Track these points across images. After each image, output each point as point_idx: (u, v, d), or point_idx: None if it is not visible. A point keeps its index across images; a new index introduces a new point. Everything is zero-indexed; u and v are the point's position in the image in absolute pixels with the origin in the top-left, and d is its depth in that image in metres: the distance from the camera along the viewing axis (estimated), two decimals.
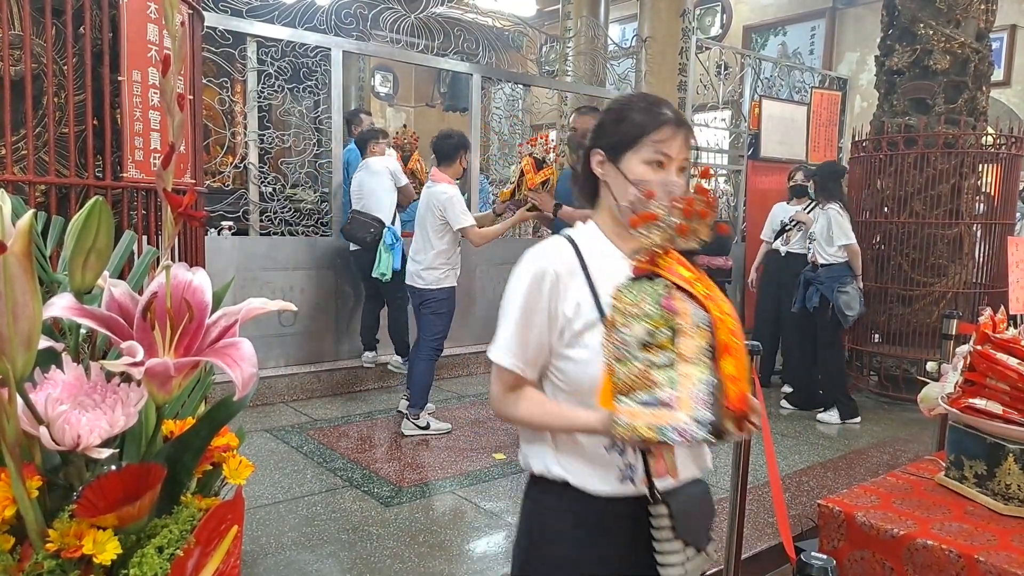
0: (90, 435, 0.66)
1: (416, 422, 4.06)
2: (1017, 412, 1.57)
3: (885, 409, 4.93)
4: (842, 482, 3.46)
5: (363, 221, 4.65)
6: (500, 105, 6.42)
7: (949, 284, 5.00)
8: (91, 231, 0.75)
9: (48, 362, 0.71)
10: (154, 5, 2.01)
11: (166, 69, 0.82)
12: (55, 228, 1.07)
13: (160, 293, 0.74)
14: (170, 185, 0.85)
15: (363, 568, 2.57)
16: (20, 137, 1.88)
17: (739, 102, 7.50)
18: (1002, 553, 1.40)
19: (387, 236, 4.61)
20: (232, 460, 0.82)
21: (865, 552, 1.58)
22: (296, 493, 3.21)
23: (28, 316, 0.63)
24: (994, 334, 1.65)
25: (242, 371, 0.70)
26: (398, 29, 5.45)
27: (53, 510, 0.68)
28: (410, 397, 4.06)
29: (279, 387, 4.70)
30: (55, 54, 1.90)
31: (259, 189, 4.78)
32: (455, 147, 4.05)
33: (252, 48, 4.65)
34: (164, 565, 0.68)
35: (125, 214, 2.02)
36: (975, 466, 1.67)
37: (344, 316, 5.12)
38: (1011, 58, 7.69)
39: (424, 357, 4.02)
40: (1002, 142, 4.98)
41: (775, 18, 9.73)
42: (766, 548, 2.76)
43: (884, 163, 5.10)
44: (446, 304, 4.04)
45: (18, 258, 0.62)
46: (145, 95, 2.03)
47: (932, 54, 4.99)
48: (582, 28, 7.28)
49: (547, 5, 9.71)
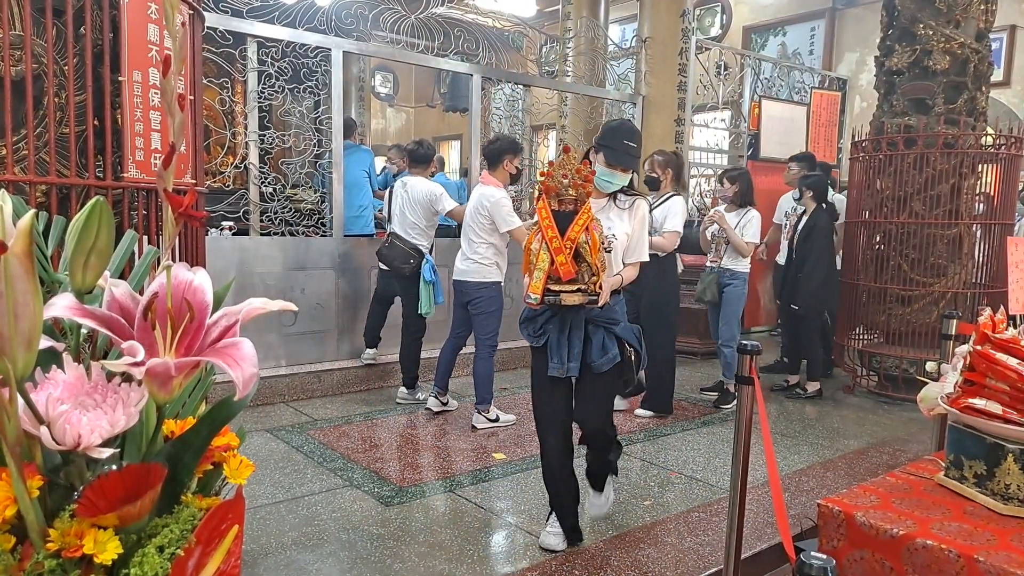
0: (91, 435, 0.66)
1: (487, 415, 4.27)
2: (1016, 412, 1.57)
3: (885, 409, 4.93)
4: (842, 482, 3.46)
5: (403, 250, 4.52)
6: (500, 105, 6.42)
7: (949, 284, 5.00)
8: (92, 231, 0.75)
9: (49, 362, 0.71)
10: (154, 5, 2.01)
11: (167, 69, 0.82)
12: (56, 228, 1.07)
13: (161, 293, 0.74)
14: (171, 185, 0.85)
15: (363, 568, 2.57)
16: (21, 137, 1.88)
17: (739, 102, 7.50)
18: (1001, 553, 1.40)
19: (426, 271, 4.53)
20: (233, 460, 0.82)
21: (865, 552, 1.58)
22: (296, 493, 3.21)
23: (29, 316, 0.63)
24: (994, 334, 1.65)
25: (243, 371, 0.70)
26: (398, 29, 5.45)
27: (54, 510, 0.69)
28: (477, 394, 4.27)
29: (279, 387, 4.70)
30: (56, 54, 1.90)
31: (259, 189, 4.78)
32: (499, 151, 4.24)
33: (252, 48, 4.65)
34: (165, 565, 0.68)
35: (126, 214, 2.03)
36: (975, 466, 1.67)
37: (344, 316, 5.12)
38: (1011, 58, 7.68)
39: (483, 356, 4.26)
40: (1002, 142, 4.98)
41: (775, 18, 9.73)
42: (766, 548, 2.76)
43: (884, 163, 5.10)
44: (495, 302, 4.24)
45: (19, 258, 0.62)
46: (146, 95, 2.03)
47: (932, 54, 4.99)
48: (582, 28, 7.28)
49: (547, 5, 9.71)
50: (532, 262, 2.44)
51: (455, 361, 4.50)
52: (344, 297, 5.10)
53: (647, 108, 6.79)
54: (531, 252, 2.45)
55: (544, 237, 2.38)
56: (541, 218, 2.41)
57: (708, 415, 4.70)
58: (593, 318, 2.57)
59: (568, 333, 2.56)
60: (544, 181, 2.44)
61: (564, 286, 2.38)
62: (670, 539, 2.83)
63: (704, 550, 2.73)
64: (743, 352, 2.11)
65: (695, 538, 2.83)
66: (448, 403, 4.56)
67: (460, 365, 5.27)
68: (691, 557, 2.67)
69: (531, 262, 2.45)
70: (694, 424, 4.49)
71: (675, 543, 2.79)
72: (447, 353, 4.46)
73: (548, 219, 2.39)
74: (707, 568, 2.59)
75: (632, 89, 7.00)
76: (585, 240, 2.38)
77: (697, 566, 2.61)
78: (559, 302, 2.39)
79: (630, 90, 7.02)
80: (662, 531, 2.90)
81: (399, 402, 4.71)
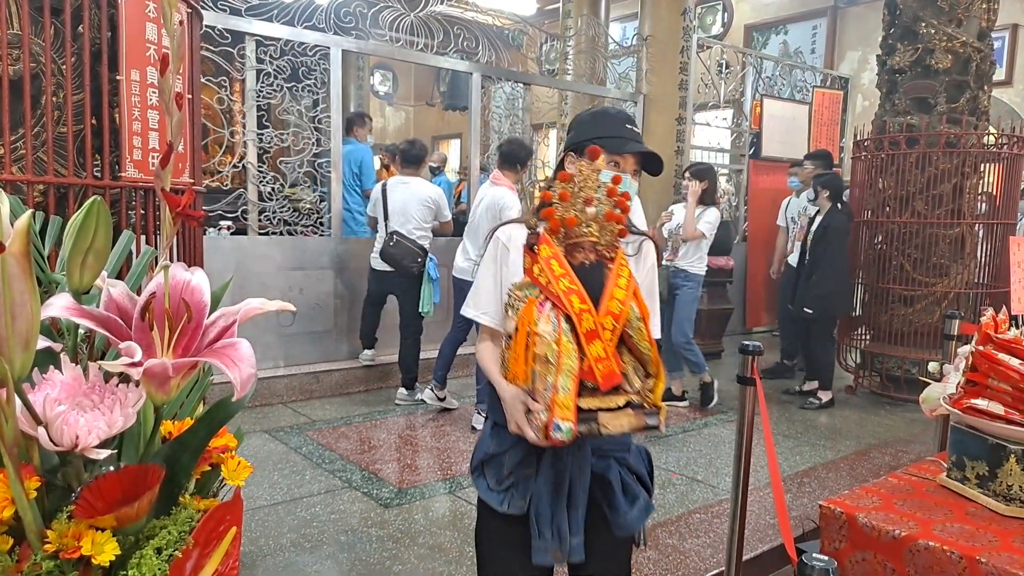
0: (88, 436, 0.65)
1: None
2: (1019, 413, 1.57)
3: (887, 410, 4.93)
4: (843, 483, 3.46)
5: (411, 249, 4.48)
6: (500, 104, 6.41)
7: (951, 284, 4.99)
8: (89, 231, 0.74)
9: (46, 362, 0.70)
10: (152, 4, 2.01)
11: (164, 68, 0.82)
12: (53, 228, 1.07)
13: (158, 293, 0.73)
14: (168, 185, 0.85)
15: (362, 570, 2.57)
16: (18, 136, 1.87)
17: (740, 101, 7.50)
18: (1004, 554, 1.40)
19: (431, 269, 4.52)
20: (231, 461, 0.82)
21: (867, 553, 1.58)
22: (295, 494, 3.20)
23: (26, 316, 0.63)
24: (996, 334, 1.64)
25: (240, 371, 0.69)
26: (398, 27, 5.44)
27: (51, 511, 0.68)
28: (479, 393, 4.27)
29: (278, 388, 4.69)
30: (54, 53, 1.90)
31: (258, 188, 4.78)
32: (524, 158, 4.31)
33: (251, 47, 4.64)
34: (163, 566, 0.68)
35: (123, 214, 2.02)
36: (977, 467, 1.66)
37: (343, 316, 5.11)
38: (1013, 57, 7.68)
39: None
40: (1004, 142, 4.97)
41: (776, 17, 9.73)
42: (767, 549, 2.76)
43: (886, 162, 5.09)
44: None
45: (16, 258, 0.62)
46: (144, 94, 2.02)
47: (934, 53, 4.98)
48: (582, 27, 7.27)
49: (547, 3, 9.70)
50: (540, 359, 1.29)
51: (454, 356, 4.50)
52: (343, 297, 5.09)
53: (648, 107, 6.79)
54: (537, 339, 1.29)
55: (564, 310, 1.30)
56: (552, 276, 1.33)
57: (708, 416, 4.70)
58: (599, 447, 1.51)
59: (568, 486, 1.46)
60: (549, 212, 1.36)
61: (603, 399, 1.31)
62: (671, 540, 2.82)
63: (705, 552, 2.72)
64: (744, 352, 2.10)
65: (696, 539, 2.83)
66: (445, 399, 4.55)
67: (461, 365, 5.26)
68: (692, 559, 2.67)
69: (534, 358, 1.30)
70: (695, 425, 4.49)
71: (676, 544, 2.79)
72: (447, 347, 4.46)
73: (567, 276, 1.33)
74: (708, 570, 2.59)
75: (633, 88, 6.99)
76: (636, 316, 1.35)
77: (698, 568, 2.60)
78: (596, 431, 1.30)
79: (631, 89, 7.02)
80: (663, 532, 2.89)
81: (398, 403, 4.70)
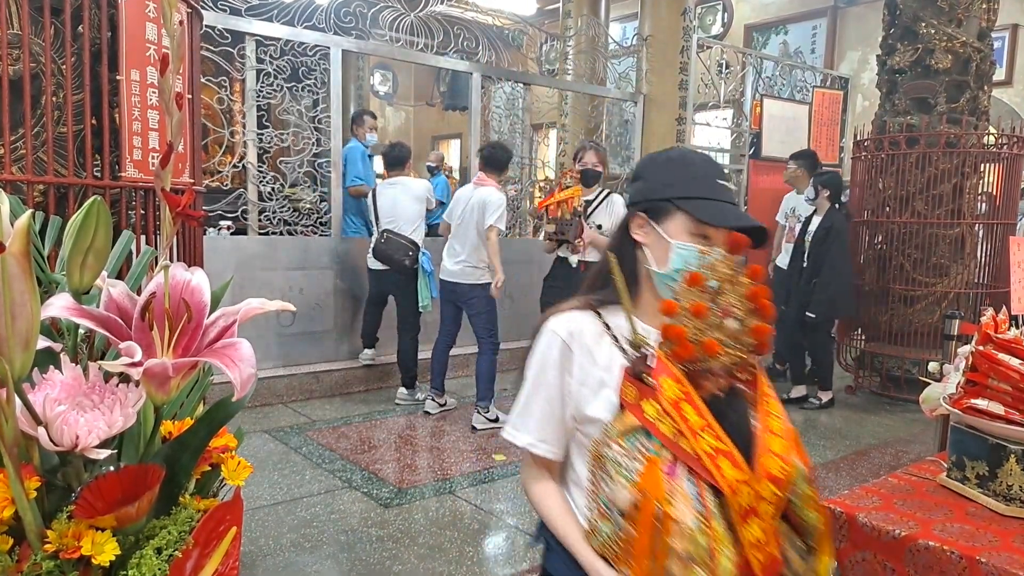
0: (88, 436, 0.65)
1: (486, 416, 4.26)
2: (1019, 413, 1.57)
3: (887, 410, 4.93)
4: (843, 483, 3.46)
5: (400, 243, 4.49)
6: (500, 104, 6.41)
7: (951, 284, 4.99)
8: (89, 231, 0.74)
9: (46, 362, 0.70)
10: (152, 4, 2.01)
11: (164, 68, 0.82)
12: (53, 228, 1.07)
13: (158, 293, 0.73)
14: (168, 185, 0.85)
15: (362, 570, 2.57)
16: (18, 136, 1.87)
17: (740, 101, 7.49)
18: (1004, 554, 1.40)
19: (424, 262, 4.54)
20: (231, 461, 0.82)
21: (867, 553, 1.58)
22: (295, 494, 3.20)
23: (26, 316, 0.63)
24: (996, 334, 1.64)
25: (240, 371, 0.69)
26: (398, 27, 5.44)
27: (51, 511, 0.68)
28: (478, 391, 4.28)
29: (278, 388, 4.69)
30: (54, 53, 1.90)
31: (258, 188, 4.77)
32: (507, 162, 4.41)
33: (251, 47, 4.64)
34: (163, 566, 0.68)
35: (123, 214, 2.02)
36: (977, 467, 1.66)
37: (343, 316, 5.11)
38: (1013, 57, 7.68)
39: (487, 354, 4.29)
40: (1004, 142, 4.98)
41: (776, 17, 9.73)
42: None
43: (886, 162, 5.09)
44: (491, 300, 4.28)
45: (16, 258, 0.61)
46: (144, 94, 2.02)
47: (934, 53, 4.98)
48: (582, 27, 7.27)
49: (547, 3, 9.70)
50: (679, 557, 0.92)
51: (448, 360, 4.50)
52: (343, 297, 5.09)
53: (648, 107, 6.79)
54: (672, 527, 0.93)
55: (708, 479, 0.95)
56: (686, 427, 0.96)
57: None
58: None
59: None
60: (678, 332, 0.99)
61: None
62: None
63: None
64: None
65: None
66: (447, 403, 4.55)
67: (460, 365, 5.27)
68: None
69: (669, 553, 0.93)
70: None
71: None
72: (440, 353, 4.44)
73: (710, 429, 0.97)
74: None
75: (633, 88, 6.99)
76: (803, 476, 1.01)
77: None
78: None
79: (631, 89, 7.02)
80: None
81: (398, 403, 4.70)
